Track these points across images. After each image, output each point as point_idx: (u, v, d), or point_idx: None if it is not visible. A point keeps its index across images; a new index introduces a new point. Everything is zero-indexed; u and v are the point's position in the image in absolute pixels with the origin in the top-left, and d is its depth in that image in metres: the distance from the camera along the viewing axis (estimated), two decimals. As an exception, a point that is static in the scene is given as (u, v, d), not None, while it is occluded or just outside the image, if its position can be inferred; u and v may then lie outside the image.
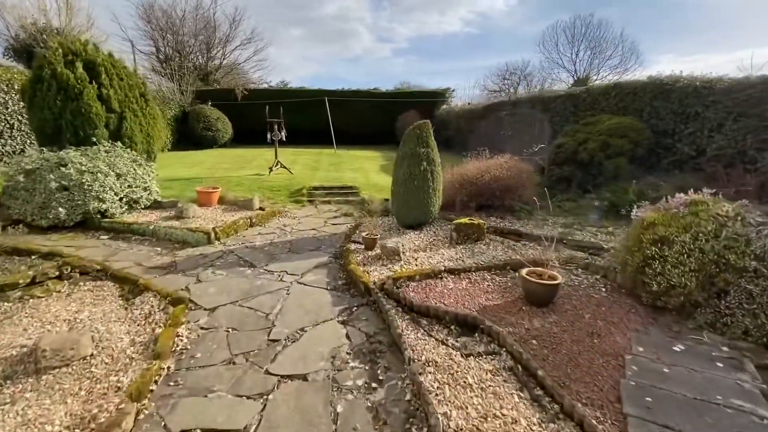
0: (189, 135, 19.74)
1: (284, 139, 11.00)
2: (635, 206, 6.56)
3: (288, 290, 4.24)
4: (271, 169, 10.71)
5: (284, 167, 11.05)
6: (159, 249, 5.45)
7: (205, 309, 3.79)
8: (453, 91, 24.23)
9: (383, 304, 3.75)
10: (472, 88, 41.29)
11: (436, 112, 23.00)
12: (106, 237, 5.88)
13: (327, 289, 4.30)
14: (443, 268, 4.55)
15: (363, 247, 5.30)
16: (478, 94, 39.17)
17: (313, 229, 6.53)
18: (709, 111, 7.20)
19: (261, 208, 7.33)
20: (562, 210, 7.45)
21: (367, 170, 12.82)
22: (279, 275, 4.62)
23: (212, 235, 5.65)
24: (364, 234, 5.34)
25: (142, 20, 22.48)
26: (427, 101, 22.67)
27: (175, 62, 22.35)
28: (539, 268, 4.11)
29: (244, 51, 27.35)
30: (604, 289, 4.29)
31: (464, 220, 5.57)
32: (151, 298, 3.85)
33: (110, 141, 7.18)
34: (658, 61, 42.00)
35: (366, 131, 23.40)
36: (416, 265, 4.73)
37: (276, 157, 10.97)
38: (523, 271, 4.00)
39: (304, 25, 50.84)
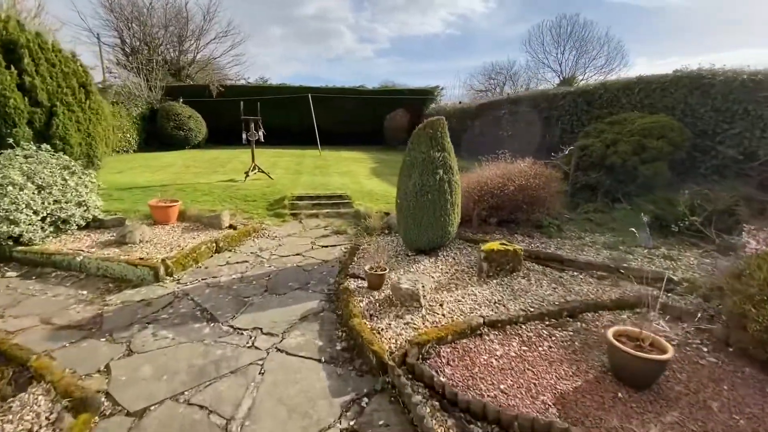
0: (158, 134, 17.88)
1: (262, 139, 9.51)
2: (688, 221, 5.47)
3: (262, 366, 2.84)
4: (247, 174, 9.21)
5: (262, 171, 9.56)
6: (85, 292, 3.94)
7: (128, 414, 2.36)
8: (442, 89, 23.11)
9: (409, 395, 2.42)
10: (460, 87, 40.41)
11: (426, 111, 21.79)
12: (16, 274, 4.31)
13: (321, 361, 2.92)
14: (482, 320, 3.25)
15: (366, 284, 3.95)
16: (464, 93, 38.43)
17: (297, 255, 5.12)
18: (762, 108, 6.16)
19: (232, 226, 5.87)
20: (593, 223, 6.28)
21: (357, 174, 11.44)
22: (250, 336, 3.21)
23: (161, 270, 4.17)
24: (367, 267, 3.98)
25: (103, 8, 20.37)
26: (416, 99, 21.43)
27: (143, 55, 20.33)
28: (630, 328, 2.86)
29: (219, 45, 25.44)
30: (705, 349, 3.09)
31: (495, 245, 4.28)
32: (41, 398, 2.39)
33: (36, 143, 5.58)
34: (634, 63, 42.56)
35: (352, 131, 21.99)
36: (443, 314, 3.41)
37: (253, 160, 9.46)
38: (609, 333, 2.74)
39: (286, 25, 49.46)
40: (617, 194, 6.92)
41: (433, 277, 4.17)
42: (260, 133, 9.46)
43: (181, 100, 18.61)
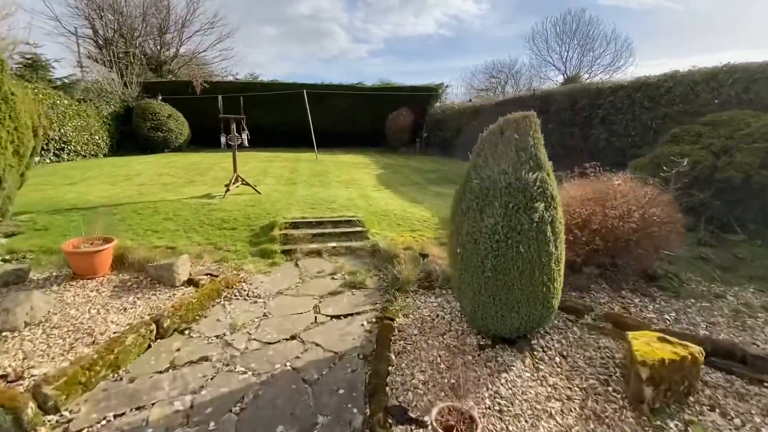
0: (133, 136, 15.66)
1: (246, 144, 7.44)
2: None
3: None
4: (227, 188, 7.14)
5: (247, 184, 7.50)
6: None
7: None
8: (447, 87, 21.19)
9: None
10: (461, 86, 38.77)
11: (431, 110, 19.87)
12: None
13: None
14: None
15: (431, 443, 1.96)
16: (464, 92, 36.75)
17: (292, 338, 3.09)
18: None
19: (192, 281, 3.82)
20: (711, 266, 4.36)
21: (363, 184, 9.42)
22: None
23: (30, 410, 2.13)
24: (435, 412, 1.97)
25: (72, -6, 17.92)
26: (420, 97, 19.48)
27: (118, 47, 18.01)
28: None
29: (205, 38, 23.13)
30: None
31: (656, 349, 2.30)
32: None
33: None
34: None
35: (349, 131, 19.98)
36: None
37: (235, 170, 7.38)
38: None
39: (279, 24, 47.67)
40: (726, 219, 5.03)
41: (551, 416, 2.19)
42: (244, 136, 7.39)
43: (160, 97, 16.39)
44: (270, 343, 3.00)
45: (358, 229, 5.44)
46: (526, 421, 2.11)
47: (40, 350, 2.64)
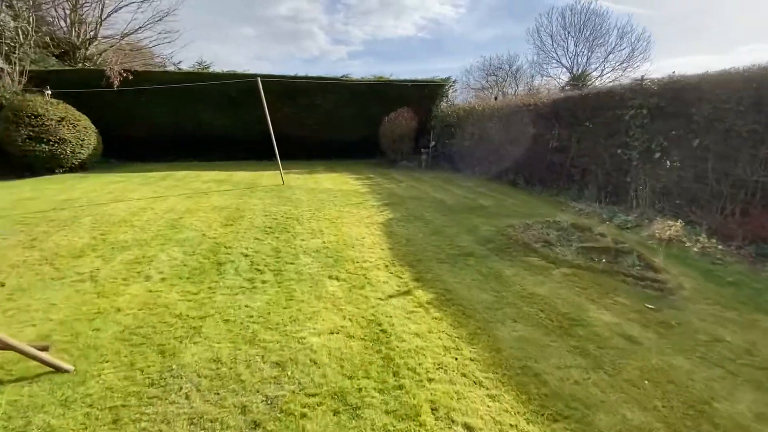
0: (4, 152, 10.07)
1: None
2: None
3: None
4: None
5: (33, 358, 2.33)
6: None
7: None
8: (454, 81, 16.30)
9: None
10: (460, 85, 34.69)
11: (437, 111, 14.94)
12: None
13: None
14: None
15: None
16: (460, 91, 32.22)
17: None
18: None
19: None
20: None
21: (365, 266, 4.33)
22: None
23: None
24: None
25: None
26: (424, 92, 14.57)
27: (1, 22, 12.25)
28: None
29: (139, 14, 17.46)
30: None
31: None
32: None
33: None
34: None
35: (333, 138, 14.91)
36: None
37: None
38: None
39: (258, 25, 43.85)
40: None
41: None
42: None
43: (49, 91, 10.74)
44: None
45: None
46: None
47: None
